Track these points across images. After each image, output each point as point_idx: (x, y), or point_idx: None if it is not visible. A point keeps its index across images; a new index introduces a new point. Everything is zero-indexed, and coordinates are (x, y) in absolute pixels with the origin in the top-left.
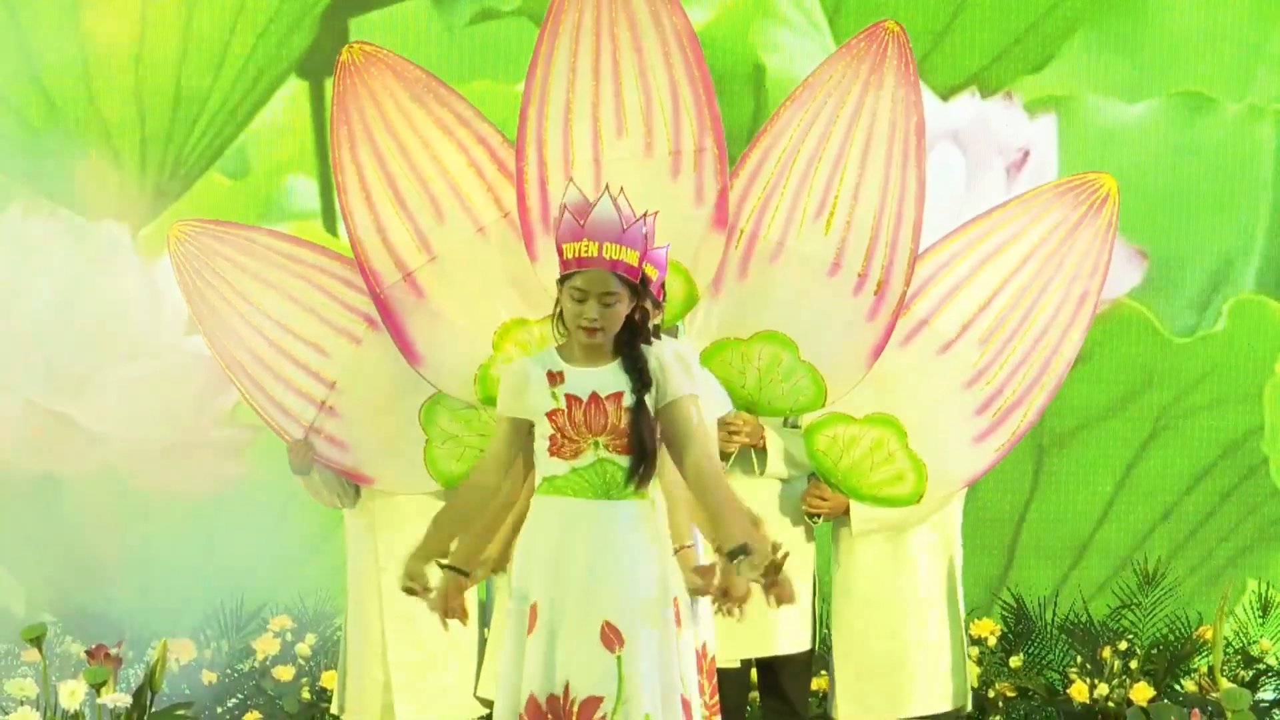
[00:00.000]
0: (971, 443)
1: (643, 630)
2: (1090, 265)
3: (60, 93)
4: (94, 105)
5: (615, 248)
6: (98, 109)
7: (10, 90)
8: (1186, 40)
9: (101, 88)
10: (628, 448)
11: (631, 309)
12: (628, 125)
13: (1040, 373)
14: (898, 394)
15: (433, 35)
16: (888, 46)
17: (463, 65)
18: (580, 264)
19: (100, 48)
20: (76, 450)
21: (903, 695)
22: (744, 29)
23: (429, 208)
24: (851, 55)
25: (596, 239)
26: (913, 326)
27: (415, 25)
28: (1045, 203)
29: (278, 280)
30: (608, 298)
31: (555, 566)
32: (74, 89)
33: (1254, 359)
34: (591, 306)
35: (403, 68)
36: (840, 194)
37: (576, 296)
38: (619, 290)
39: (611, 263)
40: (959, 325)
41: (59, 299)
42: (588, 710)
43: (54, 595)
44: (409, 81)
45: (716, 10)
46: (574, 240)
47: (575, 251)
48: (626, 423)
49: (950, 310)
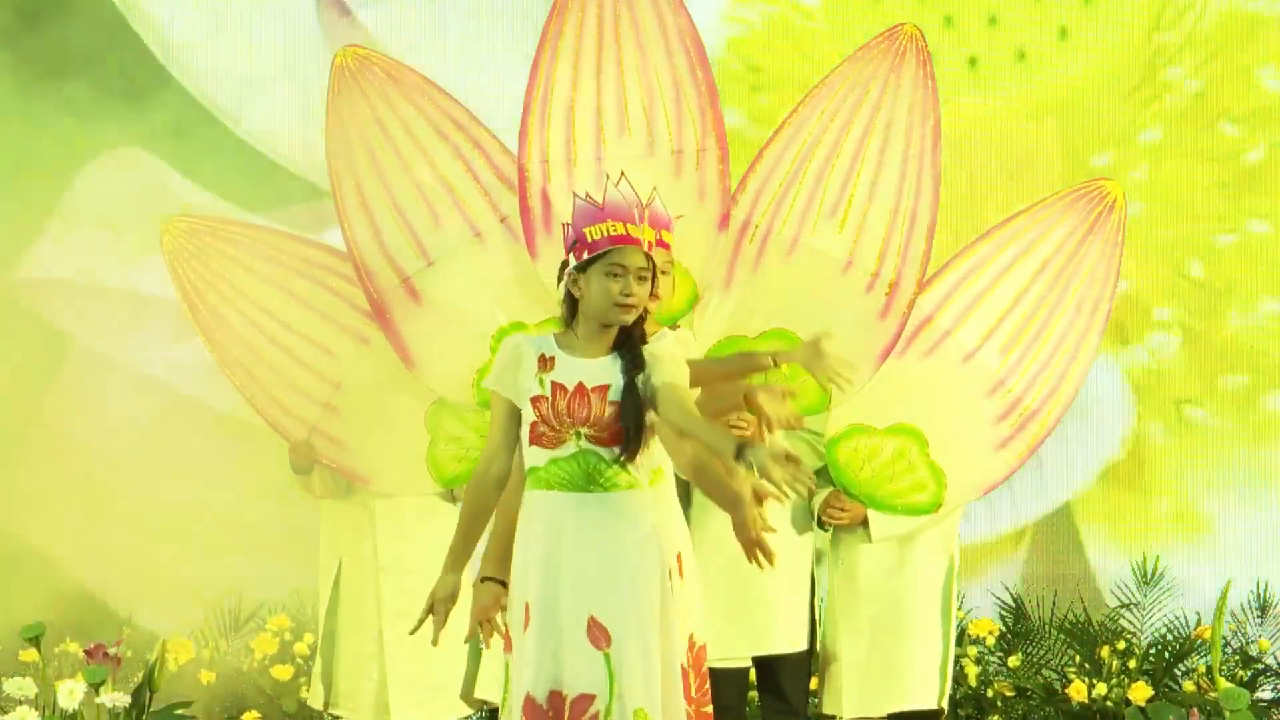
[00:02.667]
0: (991, 451)
1: (632, 626)
2: (1103, 271)
3: None
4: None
5: (640, 228)
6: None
7: None
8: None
9: None
10: (610, 440)
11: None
12: (630, 124)
13: (1059, 380)
14: (921, 405)
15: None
16: (906, 48)
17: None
18: (614, 241)
19: None
20: (77, 449)
21: (900, 689)
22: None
23: (426, 212)
24: (870, 56)
25: (621, 219)
26: (936, 338)
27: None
28: (1058, 211)
29: (281, 278)
30: (643, 272)
31: (544, 563)
32: None
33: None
34: (629, 282)
35: (398, 71)
36: (855, 193)
37: (615, 272)
38: (648, 268)
39: (644, 242)
40: (981, 335)
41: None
42: (579, 708)
43: (54, 595)
44: (405, 86)
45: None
46: (598, 221)
47: (604, 231)
48: (610, 416)
49: (972, 321)
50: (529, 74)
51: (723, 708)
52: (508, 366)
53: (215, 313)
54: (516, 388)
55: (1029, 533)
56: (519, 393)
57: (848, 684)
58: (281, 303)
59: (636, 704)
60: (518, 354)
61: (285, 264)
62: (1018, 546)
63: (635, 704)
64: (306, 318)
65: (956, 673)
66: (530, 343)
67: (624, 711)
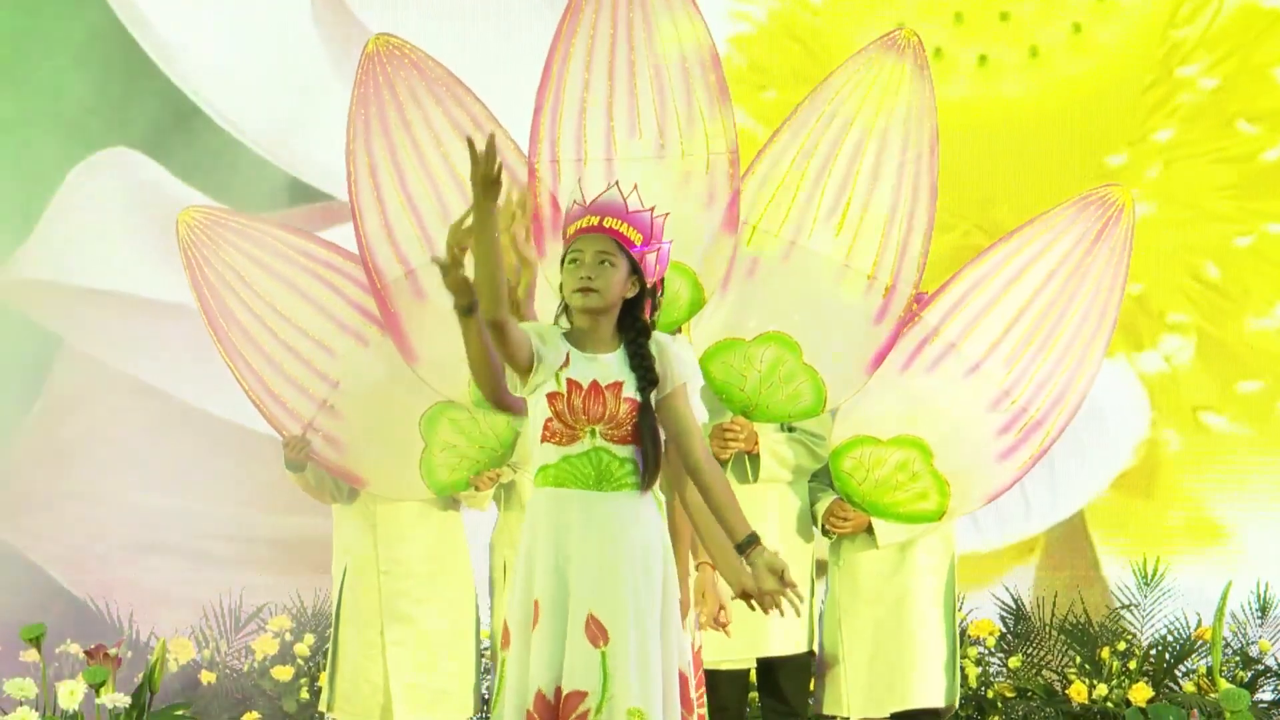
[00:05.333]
0: (995, 461)
1: (630, 625)
2: (1110, 278)
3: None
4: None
5: (617, 221)
6: None
7: None
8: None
9: None
10: (624, 438)
11: (634, 295)
12: (641, 126)
13: (1065, 389)
14: (925, 416)
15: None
16: (904, 53)
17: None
18: (579, 233)
19: None
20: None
21: (904, 688)
22: None
23: (436, 207)
24: (867, 59)
25: (599, 214)
26: (941, 350)
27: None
28: (1066, 220)
29: (288, 274)
30: (603, 255)
31: (552, 560)
32: None
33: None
34: (587, 265)
35: (426, 64)
36: (853, 196)
37: (575, 259)
38: (616, 255)
39: (611, 230)
40: (986, 347)
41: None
42: (571, 705)
43: (54, 595)
44: (431, 80)
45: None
46: (577, 220)
47: (577, 226)
48: (625, 413)
49: (978, 332)
50: (541, 74)
51: (723, 708)
52: (543, 337)
53: (221, 303)
54: (545, 357)
55: (1041, 543)
56: (545, 365)
57: (852, 685)
58: (285, 297)
59: (631, 704)
60: (553, 337)
61: (291, 259)
62: (1030, 556)
63: (629, 704)
64: (308, 313)
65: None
66: (559, 336)
67: (616, 711)
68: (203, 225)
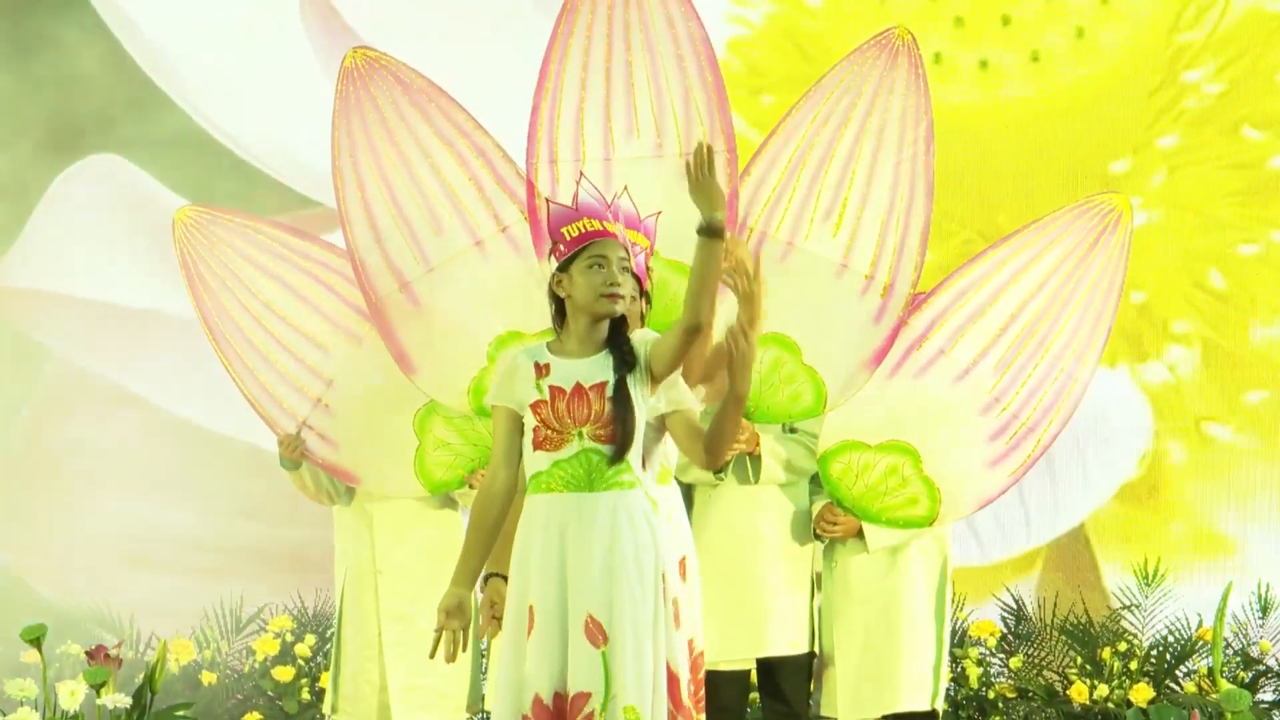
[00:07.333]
0: (986, 467)
1: (627, 624)
2: (1105, 286)
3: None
4: None
5: (616, 225)
6: None
7: None
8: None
9: None
10: (611, 436)
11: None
12: (639, 126)
13: (1057, 396)
14: (914, 422)
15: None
16: (898, 52)
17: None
18: (589, 236)
19: None
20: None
21: (894, 690)
22: None
23: (427, 218)
24: (862, 59)
25: (597, 217)
26: (930, 356)
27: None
28: (1060, 227)
29: (283, 273)
30: (624, 262)
31: (544, 564)
32: None
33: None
34: (613, 272)
35: (406, 75)
36: (850, 196)
37: (597, 264)
38: (630, 261)
39: (619, 235)
40: (976, 352)
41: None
42: (577, 706)
43: (54, 595)
44: (412, 90)
45: None
46: (573, 221)
47: (580, 228)
48: (610, 411)
49: (968, 339)
50: (538, 75)
51: (723, 709)
52: (505, 378)
53: (216, 301)
54: (516, 397)
55: (1043, 555)
56: (519, 401)
57: (841, 687)
58: (280, 295)
59: (627, 701)
60: (514, 366)
61: (286, 258)
62: (1031, 568)
63: (626, 701)
64: (303, 312)
65: (958, 674)
66: (525, 353)
67: (616, 710)
68: (198, 224)
